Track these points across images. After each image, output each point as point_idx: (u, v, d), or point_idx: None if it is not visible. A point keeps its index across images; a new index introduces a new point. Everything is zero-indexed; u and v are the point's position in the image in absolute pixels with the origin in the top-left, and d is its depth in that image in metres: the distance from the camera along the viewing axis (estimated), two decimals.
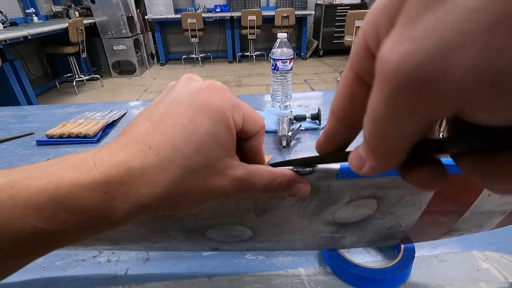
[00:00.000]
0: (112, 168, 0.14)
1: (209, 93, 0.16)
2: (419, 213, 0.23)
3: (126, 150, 0.15)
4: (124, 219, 0.15)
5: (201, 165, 0.15)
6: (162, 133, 0.15)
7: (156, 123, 0.16)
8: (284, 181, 0.18)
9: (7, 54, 2.82)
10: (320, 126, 0.69)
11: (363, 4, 4.90)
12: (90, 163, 0.14)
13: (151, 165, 0.15)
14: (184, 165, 0.15)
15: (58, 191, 0.13)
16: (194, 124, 0.15)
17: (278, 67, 0.77)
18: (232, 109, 0.16)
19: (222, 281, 0.33)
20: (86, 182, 0.14)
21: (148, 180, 0.15)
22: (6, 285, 0.33)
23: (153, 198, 0.15)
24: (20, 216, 0.13)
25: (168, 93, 0.17)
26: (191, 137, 0.15)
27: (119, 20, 4.05)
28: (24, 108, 0.89)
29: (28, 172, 0.14)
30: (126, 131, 0.16)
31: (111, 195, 0.14)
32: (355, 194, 0.21)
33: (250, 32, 4.58)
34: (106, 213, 0.14)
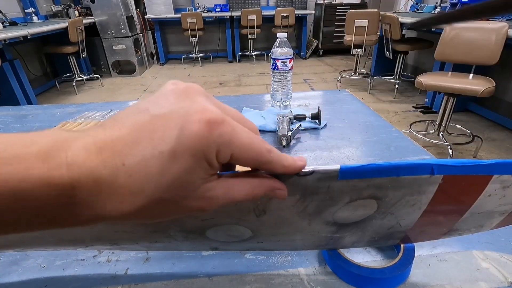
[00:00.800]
0: (82, 175, 0.14)
1: (200, 127, 0.14)
2: (419, 213, 0.23)
3: (101, 157, 0.14)
4: (85, 224, 0.15)
5: (173, 196, 0.15)
6: (139, 153, 0.14)
7: (136, 137, 0.15)
8: (261, 192, 0.18)
9: (7, 54, 2.82)
10: (320, 126, 0.69)
11: (363, 3, 4.89)
12: (62, 159, 0.14)
13: (120, 185, 0.14)
14: (155, 195, 0.15)
15: (21, 184, 0.13)
16: (173, 158, 0.14)
17: (278, 66, 0.77)
18: (218, 148, 0.15)
19: (222, 281, 0.33)
20: (53, 182, 0.13)
21: (115, 199, 0.14)
22: (6, 284, 0.33)
23: (118, 214, 0.15)
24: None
25: (161, 98, 0.16)
26: (168, 170, 0.14)
27: (119, 20, 4.05)
28: (24, 108, 0.89)
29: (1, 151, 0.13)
30: (108, 126, 0.15)
31: (75, 201, 0.14)
32: (355, 194, 0.21)
33: (250, 32, 4.58)
34: (67, 214, 0.14)
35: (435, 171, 0.19)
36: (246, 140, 0.16)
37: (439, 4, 3.42)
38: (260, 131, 0.69)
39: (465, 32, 2.02)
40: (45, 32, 3.16)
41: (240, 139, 0.16)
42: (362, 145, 0.62)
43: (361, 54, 3.46)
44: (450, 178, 0.19)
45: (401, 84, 3.43)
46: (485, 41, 1.94)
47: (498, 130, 2.47)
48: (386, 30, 3.08)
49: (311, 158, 0.57)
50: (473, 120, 2.66)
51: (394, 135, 0.65)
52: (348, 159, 0.57)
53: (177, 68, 4.83)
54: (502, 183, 0.20)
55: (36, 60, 3.97)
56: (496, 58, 1.91)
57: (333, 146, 0.62)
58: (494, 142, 2.29)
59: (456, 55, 2.08)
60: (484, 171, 0.19)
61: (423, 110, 2.90)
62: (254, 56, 5.01)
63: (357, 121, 0.73)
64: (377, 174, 0.19)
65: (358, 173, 0.19)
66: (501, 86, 2.51)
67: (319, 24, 5.01)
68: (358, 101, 0.85)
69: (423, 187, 0.20)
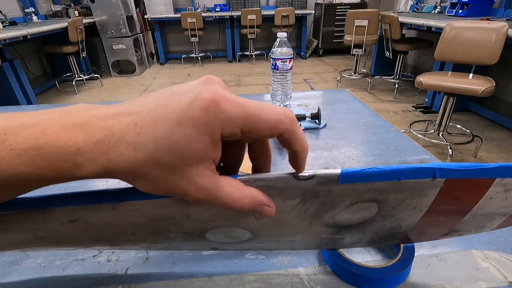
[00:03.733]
0: (95, 130, 0.16)
1: (209, 102, 0.16)
2: (420, 215, 0.23)
3: (118, 117, 0.16)
4: (91, 175, 0.16)
5: (169, 162, 0.16)
6: (152, 117, 0.16)
7: (155, 105, 0.17)
8: (249, 204, 0.18)
9: (7, 54, 2.82)
10: (320, 126, 0.69)
11: (363, 3, 4.89)
12: (79, 118, 0.16)
13: (127, 141, 0.16)
14: (154, 155, 0.16)
15: (37, 142, 0.15)
16: (178, 126, 0.16)
17: (278, 66, 0.77)
18: (224, 124, 0.16)
19: (222, 281, 0.33)
20: (65, 137, 0.16)
21: (119, 151, 0.16)
22: (6, 284, 0.33)
23: (118, 167, 0.16)
24: (6, 158, 0.15)
25: (186, 83, 0.18)
26: (171, 134, 0.16)
27: (119, 20, 4.05)
28: (24, 108, 0.89)
29: (23, 119, 0.16)
30: (127, 102, 0.18)
31: (83, 152, 0.16)
32: (355, 198, 0.20)
33: (250, 32, 4.58)
34: (75, 166, 0.16)
35: (437, 175, 0.19)
36: (256, 111, 0.17)
37: (439, 4, 3.42)
38: None
39: (465, 32, 2.02)
40: (45, 32, 3.15)
41: (250, 111, 0.17)
42: (362, 145, 0.62)
43: (361, 54, 3.46)
44: (452, 181, 0.19)
45: (401, 84, 3.43)
46: (485, 41, 1.93)
47: (498, 130, 2.47)
48: (386, 30, 3.08)
49: (311, 158, 0.57)
50: (473, 120, 2.66)
51: (394, 135, 0.65)
52: (348, 159, 0.57)
53: (177, 68, 4.83)
54: (504, 186, 0.20)
55: (36, 60, 3.96)
56: (496, 58, 1.91)
57: (333, 146, 0.62)
58: (494, 142, 2.29)
59: (456, 55, 2.08)
60: (487, 174, 0.19)
61: (423, 110, 2.90)
62: (254, 56, 5.01)
63: (357, 121, 0.73)
64: (379, 178, 0.19)
65: (359, 177, 0.19)
66: (501, 86, 2.51)
67: (319, 24, 5.01)
68: (358, 101, 0.85)
69: (424, 190, 0.20)
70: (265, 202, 0.19)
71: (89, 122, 0.16)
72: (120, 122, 0.16)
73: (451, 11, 3.02)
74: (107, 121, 0.16)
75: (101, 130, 0.16)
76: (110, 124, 0.16)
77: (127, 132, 0.16)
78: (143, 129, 0.16)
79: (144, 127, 0.16)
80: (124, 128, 0.16)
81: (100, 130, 0.16)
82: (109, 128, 0.16)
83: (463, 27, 2.03)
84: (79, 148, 0.16)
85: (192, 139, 0.16)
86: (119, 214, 0.20)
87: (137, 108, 0.17)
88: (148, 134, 0.16)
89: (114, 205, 0.20)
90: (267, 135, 0.18)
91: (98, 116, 0.17)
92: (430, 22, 2.55)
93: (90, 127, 0.16)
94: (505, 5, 2.75)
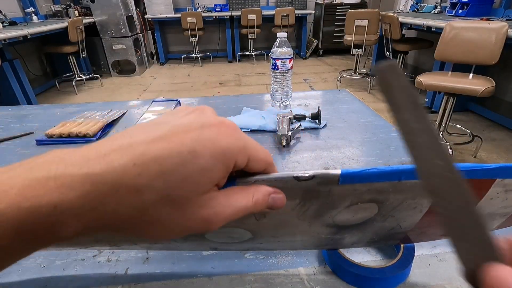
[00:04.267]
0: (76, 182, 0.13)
1: (219, 131, 0.16)
2: (420, 216, 0.23)
3: (104, 162, 0.14)
4: (75, 237, 0.14)
5: (182, 196, 0.15)
6: (154, 155, 0.14)
7: (153, 140, 0.14)
8: (260, 197, 0.18)
9: (7, 54, 2.82)
10: (320, 126, 0.69)
11: (363, 3, 4.89)
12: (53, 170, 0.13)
13: (125, 184, 0.13)
14: (163, 192, 0.14)
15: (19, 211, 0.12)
16: (193, 157, 0.14)
17: (278, 66, 0.77)
18: (238, 152, 0.16)
19: (222, 281, 0.33)
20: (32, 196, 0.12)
21: (116, 200, 0.13)
22: (6, 284, 0.33)
23: (118, 220, 0.14)
24: None
25: (176, 115, 0.17)
26: (183, 166, 0.14)
27: (119, 20, 4.05)
28: (24, 108, 0.88)
29: None
30: (111, 138, 0.15)
31: (62, 209, 0.13)
32: (356, 198, 0.20)
33: (250, 32, 4.58)
34: (52, 229, 0.13)
35: None
36: (256, 145, 0.18)
37: (439, 4, 3.42)
38: (260, 131, 0.69)
39: (465, 32, 2.02)
40: (45, 32, 3.15)
41: (252, 145, 0.18)
42: (362, 145, 0.62)
43: (361, 54, 3.46)
44: None
45: None
46: (485, 41, 1.93)
47: (498, 130, 2.47)
48: (386, 30, 3.08)
49: (311, 158, 0.57)
50: (473, 120, 2.66)
51: (394, 135, 0.65)
52: (348, 159, 0.57)
53: (177, 68, 4.83)
54: (505, 186, 0.20)
55: (36, 60, 3.96)
56: (496, 58, 1.91)
57: (333, 146, 0.62)
58: (494, 142, 2.29)
59: (456, 55, 2.08)
60: (487, 175, 0.19)
61: None
62: (254, 56, 5.01)
63: (357, 121, 0.73)
64: (379, 178, 0.19)
65: (359, 177, 0.19)
66: (501, 86, 2.51)
67: (319, 24, 5.01)
68: (358, 101, 0.85)
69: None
70: (271, 190, 0.18)
71: (66, 172, 0.13)
72: (111, 165, 0.13)
73: (451, 11, 3.02)
74: (90, 168, 0.13)
75: (84, 183, 0.13)
76: (95, 170, 0.13)
77: (123, 175, 0.13)
78: (145, 167, 0.14)
79: (146, 165, 0.14)
80: (119, 169, 0.13)
81: (82, 183, 0.13)
82: (95, 175, 0.13)
83: (463, 27, 2.03)
84: (56, 206, 0.12)
85: (207, 169, 0.15)
86: None
87: (128, 145, 0.14)
88: (152, 171, 0.14)
89: None
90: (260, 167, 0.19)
91: (77, 164, 0.13)
92: (430, 22, 2.55)
93: (67, 178, 0.13)
94: (505, 5, 2.75)
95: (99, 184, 0.13)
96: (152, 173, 0.14)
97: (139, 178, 0.14)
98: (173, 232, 0.16)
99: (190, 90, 3.77)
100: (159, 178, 0.14)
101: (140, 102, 0.91)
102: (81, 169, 0.13)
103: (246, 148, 0.17)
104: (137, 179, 0.14)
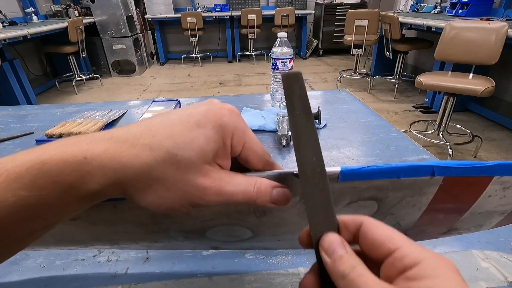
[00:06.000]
0: (103, 141, 0.16)
1: (221, 110, 0.18)
2: (419, 214, 0.23)
3: (124, 130, 0.17)
4: (99, 187, 0.15)
5: (187, 158, 0.16)
6: (167, 121, 0.17)
7: (166, 117, 0.18)
8: (263, 185, 0.18)
9: (7, 54, 2.81)
10: (320, 126, 0.69)
11: (363, 3, 4.89)
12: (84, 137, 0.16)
13: (141, 143, 0.16)
14: (171, 151, 0.16)
15: (39, 158, 0.15)
16: (197, 126, 0.17)
17: (278, 66, 0.77)
18: (234, 130, 0.18)
19: (222, 281, 0.33)
20: (70, 149, 0.15)
21: (133, 153, 0.16)
22: (6, 284, 0.33)
23: (130, 171, 0.16)
24: (3, 185, 0.14)
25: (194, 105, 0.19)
26: (189, 132, 0.17)
27: (119, 20, 4.05)
28: (24, 108, 0.88)
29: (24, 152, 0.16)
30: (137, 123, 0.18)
31: (90, 160, 0.15)
32: (355, 196, 0.20)
33: (250, 32, 4.58)
34: (80, 178, 0.15)
35: (436, 172, 0.19)
36: (255, 137, 0.19)
37: (439, 4, 3.42)
38: (260, 131, 0.69)
39: (465, 31, 2.02)
40: (45, 32, 3.15)
41: (251, 134, 0.19)
42: (362, 145, 0.62)
43: (361, 54, 3.46)
44: (450, 179, 0.19)
45: (401, 84, 3.43)
46: (485, 40, 1.93)
47: (498, 129, 2.47)
48: (386, 30, 3.08)
49: None
50: (473, 119, 2.66)
51: (394, 135, 0.65)
52: (348, 159, 0.57)
53: (177, 68, 4.83)
54: (503, 184, 0.20)
55: (36, 60, 3.96)
56: (496, 58, 1.91)
57: (333, 146, 0.62)
58: (494, 141, 2.29)
59: (456, 55, 2.08)
60: (485, 172, 0.19)
61: (423, 109, 2.90)
62: (254, 56, 5.01)
63: (357, 121, 0.73)
64: (378, 176, 0.19)
65: (359, 175, 0.19)
66: (501, 86, 2.51)
67: (319, 24, 5.01)
68: (358, 101, 0.85)
69: (423, 188, 0.20)
70: (276, 184, 0.18)
71: (95, 136, 0.16)
72: (130, 130, 0.17)
73: (451, 11, 3.02)
74: (114, 133, 0.16)
75: (109, 140, 0.16)
76: (119, 134, 0.16)
77: (141, 136, 0.16)
78: (159, 131, 0.16)
79: (160, 130, 0.17)
80: (137, 133, 0.16)
81: (108, 140, 0.16)
82: (118, 137, 0.16)
83: (463, 27, 2.03)
84: (86, 156, 0.15)
85: (210, 137, 0.17)
86: (120, 212, 0.21)
87: (146, 121, 0.17)
88: (164, 134, 0.16)
89: (115, 203, 0.20)
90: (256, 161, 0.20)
91: (103, 133, 0.17)
92: (430, 22, 2.55)
93: (95, 139, 0.16)
94: (505, 5, 2.75)
95: (120, 142, 0.16)
96: (164, 135, 0.16)
97: (153, 139, 0.16)
98: (171, 198, 0.17)
99: (190, 90, 3.77)
100: (169, 139, 0.16)
101: (140, 102, 0.91)
102: (106, 134, 0.16)
103: (244, 132, 0.19)
104: (151, 139, 0.16)
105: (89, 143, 0.16)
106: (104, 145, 0.16)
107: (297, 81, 0.16)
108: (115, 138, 0.16)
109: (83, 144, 0.16)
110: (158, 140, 0.16)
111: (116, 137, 0.16)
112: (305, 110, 0.16)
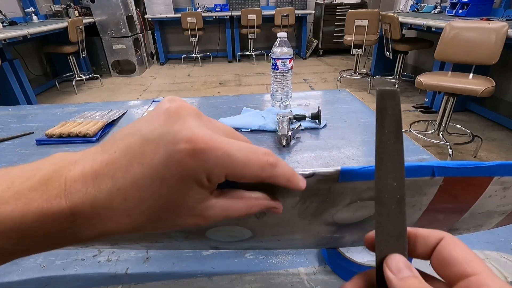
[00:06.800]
0: (80, 202, 0.15)
1: (185, 157, 0.15)
2: (419, 214, 0.23)
3: (97, 182, 0.15)
4: (89, 241, 0.17)
5: (170, 214, 0.16)
6: (131, 178, 0.15)
7: (128, 161, 0.15)
8: (257, 210, 0.18)
9: (7, 54, 2.82)
10: (320, 126, 0.69)
11: (363, 3, 4.89)
12: (61, 187, 0.15)
13: (117, 209, 0.15)
14: (151, 215, 0.16)
15: (23, 219, 0.14)
16: (163, 184, 0.15)
17: (278, 66, 0.77)
18: (209, 172, 0.15)
19: (222, 281, 0.33)
20: (52, 212, 0.15)
21: (113, 220, 0.16)
22: (6, 284, 0.33)
23: (118, 231, 0.16)
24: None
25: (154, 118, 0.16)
26: (160, 194, 0.15)
27: (119, 20, 4.05)
28: (24, 108, 0.89)
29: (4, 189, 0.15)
30: (106, 147, 0.16)
31: (77, 224, 0.15)
32: (355, 196, 0.20)
33: (250, 32, 4.58)
34: (72, 236, 0.16)
35: (436, 173, 0.19)
36: (241, 159, 0.16)
37: (439, 4, 3.42)
38: (260, 131, 0.69)
39: (465, 31, 2.02)
40: (45, 32, 3.15)
41: (233, 159, 0.16)
42: (362, 145, 0.62)
43: (361, 54, 3.46)
44: (451, 179, 0.19)
45: (401, 84, 3.43)
46: (485, 41, 1.93)
47: (498, 129, 2.47)
48: (386, 30, 3.08)
49: (311, 158, 0.57)
50: (473, 119, 2.66)
51: None
52: (348, 159, 0.57)
53: (177, 68, 4.83)
54: (503, 184, 0.20)
55: (36, 60, 3.96)
56: (496, 58, 1.91)
57: (333, 146, 0.62)
58: (494, 141, 2.29)
59: (456, 55, 2.08)
60: (485, 172, 0.19)
61: (423, 109, 2.90)
62: (254, 56, 5.01)
63: (357, 121, 0.73)
64: None
65: (359, 175, 0.19)
66: (501, 86, 2.51)
67: (319, 24, 5.01)
68: (358, 101, 0.85)
69: (424, 188, 0.20)
70: (271, 205, 0.19)
71: (70, 188, 0.15)
72: (100, 189, 0.15)
73: (451, 11, 3.02)
74: (88, 188, 0.15)
75: (86, 201, 0.15)
76: (91, 192, 0.15)
77: (112, 200, 0.15)
78: (128, 193, 0.15)
79: (128, 190, 0.15)
80: (108, 196, 0.15)
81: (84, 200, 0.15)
82: (93, 197, 0.15)
83: (463, 27, 2.03)
84: (72, 221, 0.15)
85: (182, 193, 0.15)
86: None
87: (111, 166, 0.15)
88: (135, 198, 0.15)
89: None
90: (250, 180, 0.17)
91: (77, 181, 0.15)
92: (430, 22, 2.55)
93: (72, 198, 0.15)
94: (505, 5, 2.75)
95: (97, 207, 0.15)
96: (136, 199, 0.15)
97: (126, 203, 0.15)
98: (167, 229, 0.17)
99: (190, 90, 3.77)
100: (143, 204, 0.15)
101: (140, 102, 0.91)
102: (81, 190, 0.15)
103: (222, 166, 0.15)
104: (124, 205, 0.15)
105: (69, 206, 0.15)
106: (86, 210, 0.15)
107: (393, 99, 0.15)
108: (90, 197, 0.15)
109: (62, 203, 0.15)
110: (132, 205, 0.15)
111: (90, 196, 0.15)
112: (396, 130, 0.15)
